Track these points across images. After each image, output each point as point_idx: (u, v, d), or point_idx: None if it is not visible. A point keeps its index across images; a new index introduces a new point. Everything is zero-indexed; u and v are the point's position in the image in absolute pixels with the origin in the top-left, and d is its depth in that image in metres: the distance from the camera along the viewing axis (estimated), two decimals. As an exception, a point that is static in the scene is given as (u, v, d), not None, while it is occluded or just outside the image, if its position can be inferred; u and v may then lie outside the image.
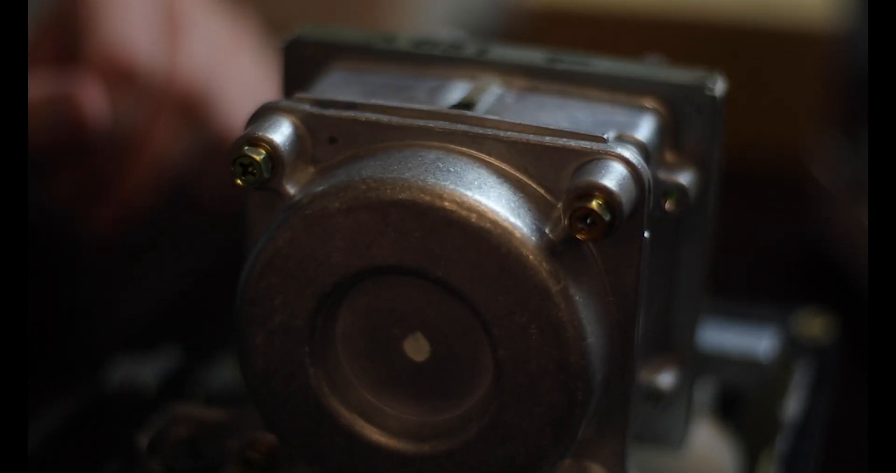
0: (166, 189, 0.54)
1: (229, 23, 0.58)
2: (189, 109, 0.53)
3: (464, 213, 0.36)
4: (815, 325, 0.50)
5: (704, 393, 0.47)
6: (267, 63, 0.59)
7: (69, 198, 0.54)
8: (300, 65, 0.42)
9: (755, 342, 0.48)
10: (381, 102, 0.39)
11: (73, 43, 0.53)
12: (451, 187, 0.36)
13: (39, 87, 0.50)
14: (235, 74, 0.55)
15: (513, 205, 0.37)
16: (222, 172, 0.54)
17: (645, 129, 0.39)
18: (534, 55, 0.41)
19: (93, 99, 0.50)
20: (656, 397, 0.42)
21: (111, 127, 0.51)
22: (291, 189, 0.38)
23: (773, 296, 0.60)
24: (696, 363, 0.43)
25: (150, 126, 0.53)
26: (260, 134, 0.38)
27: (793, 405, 0.46)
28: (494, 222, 0.36)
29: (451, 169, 0.37)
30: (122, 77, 0.52)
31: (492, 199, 0.36)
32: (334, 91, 0.40)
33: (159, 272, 0.58)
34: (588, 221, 0.36)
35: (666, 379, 0.42)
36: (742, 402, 0.48)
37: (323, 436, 0.39)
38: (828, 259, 0.68)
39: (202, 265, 0.57)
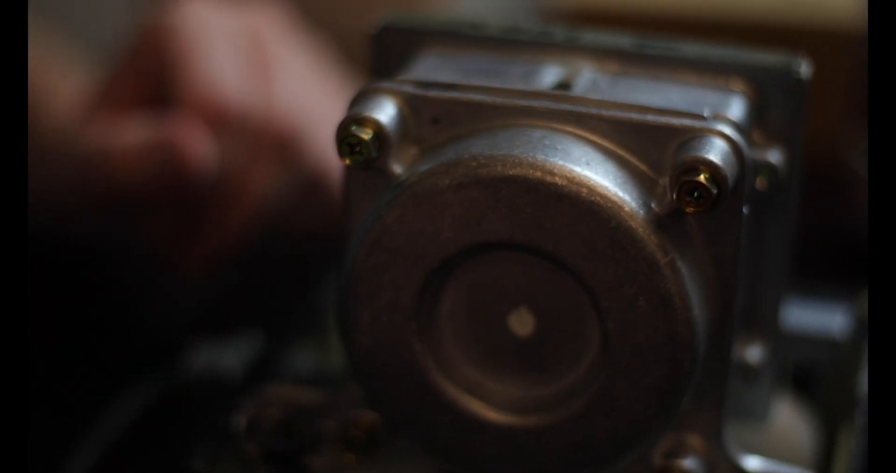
0: (263, 229, 0.55)
1: (314, 59, 0.59)
2: (284, 148, 0.54)
3: (574, 187, 0.37)
4: (878, 304, 0.51)
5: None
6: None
7: (164, 240, 0.55)
8: (389, 51, 0.43)
9: (830, 320, 0.49)
10: (482, 83, 0.40)
11: (163, 85, 0.53)
12: (560, 163, 0.37)
13: (138, 132, 0.51)
14: (325, 111, 0.55)
15: (619, 180, 0.38)
16: (317, 210, 0.55)
17: (736, 109, 0.40)
18: (622, 40, 0.42)
19: (196, 144, 0.50)
20: (745, 370, 0.43)
21: (213, 172, 0.52)
22: (397, 169, 0.39)
23: (822, 281, 0.61)
24: (780, 339, 0.44)
25: (248, 168, 0.53)
26: (366, 114, 0.39)
27: (866, 381, 0.47)
28: (604, 197, 0.37)
29: (558, 146, 0.38)
30: (218, 120, 0.52)
31: (599, 174, 0.37)
32: (431, 74, 0.41)
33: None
34: (696, 194, 0.37)
35: (754, 354, 0.43)
36: (816, 379, 0.49)
37: (428, 412, 0.40)
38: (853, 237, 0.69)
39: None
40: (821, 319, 0.49)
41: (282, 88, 0.55)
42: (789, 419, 0.47)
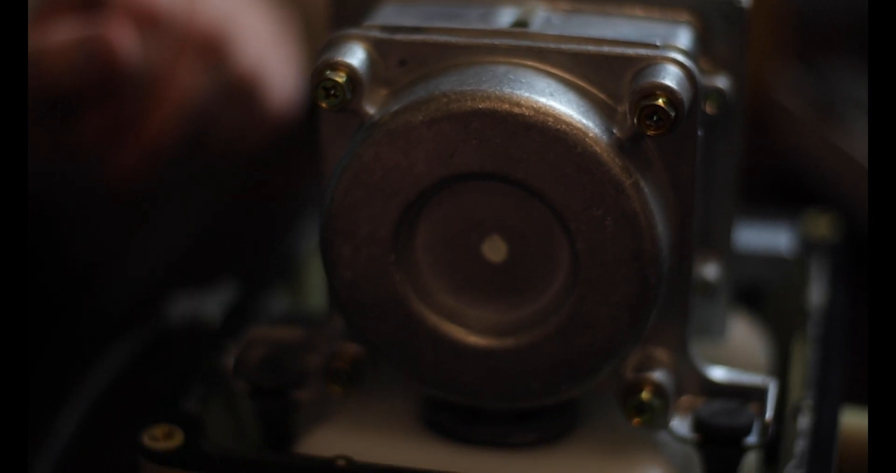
0: (187, 130, 0.57)
1: None
2: (208, 50, 0.56)
3: (540, 117, 0.39)
4: (821, 224, 0.54)
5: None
6: (274, 18, 0.61)
7: (95, 139, 0.56)
8: (348, 3, 0.45)
9: (776, 239, 0.51)
10: (445, 24, 0.42)
11: None
12: (526, 94, 0.39)
13: (69, 31, 0.53)
14: (249, 23, 0.58)
15: (582, 109, 0.40)
16: (239, 113, 0.57)
17: (684, 38, 0.42)
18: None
19: (122, 39, 0.52)
20: (704, 287, 0.45)
21: (139, 67, 0.53)
22: (370, 109, 0.41)
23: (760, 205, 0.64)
24: (732, 259, 0.47)
25: (172, 67, 0.55)
26: (339, 58, 0.40)
27: (816, 296, 0.50)
28: (569, 124, 0.39)
29: (522, 80, 0.40)
30: (145, 20, 0.54)
31: (563, 104, 0.40)
32: (395, 20, 0.43)
33: (194, 211, 0.61)
34: (655, 118, 0.39)
35: (711, 271, 0.46)
36: (763, 295, 0.52)
37: (410, 339, 0.42)
38: (798, 172, 0.72)
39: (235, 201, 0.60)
40: (768, 238, 0.52)
41: None
42: (744, 333, 0.49)
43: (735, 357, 0.48)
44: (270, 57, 0.59)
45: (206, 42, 0.56)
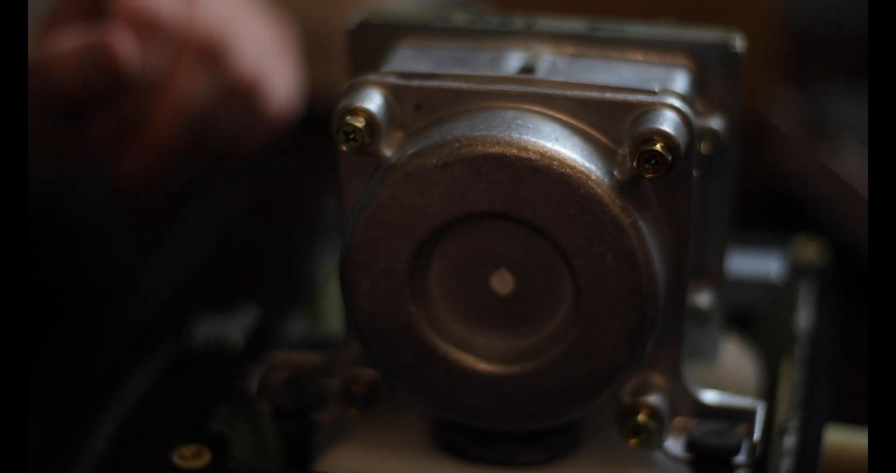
0: (188, 132, 0.59)
1: None
2: (207, 54, 0.59)
3: (546, 161, 0.42)
4: (809, 250, 0.57)
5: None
6: (273, 25, 0.64)
7: (102, 142, 0.59)
8: (366, 45, 0.47)
9: (767, 265, 0.54)
10: (457, 71, 0.44)
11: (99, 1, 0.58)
12: (533, 139, 0.42)
13: (74, 39, 0.55)
14: (248, 27, 0.61)
15: (585, 152, 0.43)
16: (238, 115, 0.60)
17: (681, 82, 0.45)
18: (576, 25, 0.47)
19: (124, 44, 0.55)
20: (697, 314, 0.48)
21: (141, 71, 0.56)
22: (387, 152, 0.44)
23: (752, 228, 0.67)
24: (724, 288, 0.50)
25: (173, 71, 0.58)
26: (358, 104, 0.43)
27: (804, 319, 0.53)
28: (573, 167, 0.42)
29: (529, 125, 0.43)
30: (146, 26, 0.57)
31: (567, 148, 0.42)
32: (408, 65, 0.46)
33: (208, 228, 0.64)
34: (653, 161, 0.42)
35: (704, 299, 0.48)
36: (754, 319, 0.55)
37: (424, 366, 0.45)
38: (791, 192, 0.75)
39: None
40: (758, 265, 0.55)
41: (207, 2, 0.60)
42: (735, 356, 0.52)
43: (726, 380, 0.51)
44: (269, 60, 0.62)
45: (205, 46, 0.59)
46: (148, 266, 0.65)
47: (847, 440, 0.48)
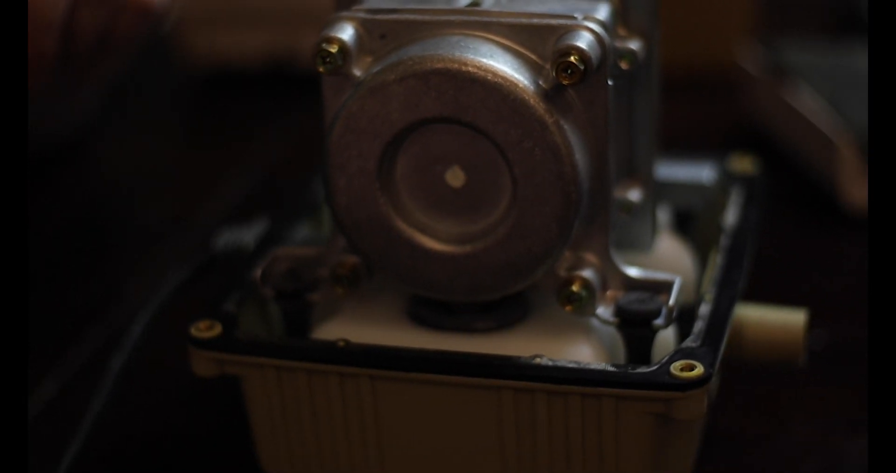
0: (53, 41, 0.61)
1: None
2: None
3: (482, 73, 0.51)
4: (745, 163, 0.66)
5: (664, 214, 0.63)
6: None
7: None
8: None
9: (700, 171, 0.63)
10: (415, 6, 0.54)
11: None
12: (472, 56, 0.52)
13: None
14: None
15: (515, 66, 0.52)
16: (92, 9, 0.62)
17: (602, 12, 0.54)
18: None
19: None
20: (627, 207, 0.57)
21: None
22: (357, 72, 0.53)
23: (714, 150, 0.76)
24: (656, 186, 0.59)
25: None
26: (333, 34, 0.53)
27: (731, 216, 0.62)
28: (504, 78, 0.51)
29: (470, 46, 0.52)
30: None
31: (500, 63, 0.52)
32: (378, 4, 0.55)
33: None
34: (569, 71, 0.51)
35: (633, 194, 0.58)
36: (692, 219, 0.64)
37: (392, 249, 0.54)
38: (758, 126, 0.85)
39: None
40: (695, 172, 0.64)
41: None
42: (671, 248, 0.61)
43: (664, 267, 0.60)
44: None
45: None
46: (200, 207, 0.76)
47: (750, 313, 0.58)
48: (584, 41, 0.52)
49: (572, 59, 0.51)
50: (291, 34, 0.97)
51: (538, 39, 0.53)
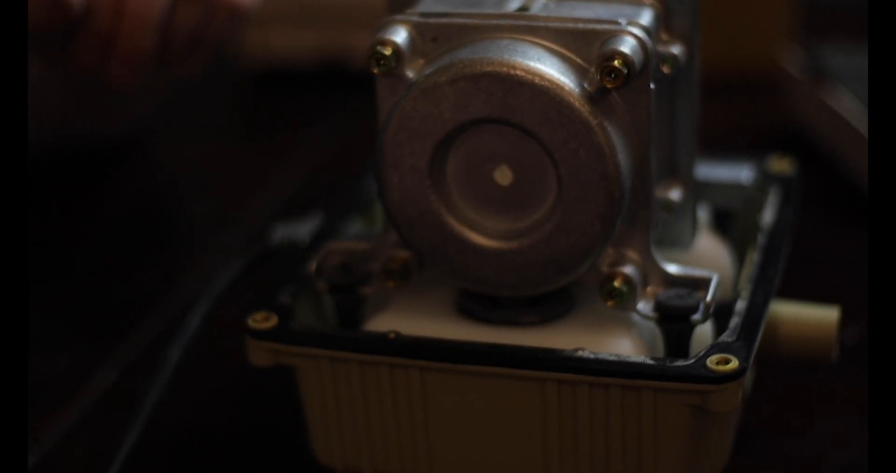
0: (154, 34, 0.67)
1: None
2: None
3: (530, 76, 0.54)
4: (783, 163, 0.68)
5: (704, 213, 0.65)
6: None
7: (86, 58, 0.68)
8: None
9: (739, 172, 0.65)
10: (465, 10, 0.56)
11: None
12: (520, 60, 0.54)
13: None
14: None
15: (561, 70, 0.54)
16: (194, 8, 0.68)
17: (646, 17, 0.56)
18: (565, -26, 0.58)
19: None
20: (668, 206, 0.59)
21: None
22: (410, 74, 0.56)
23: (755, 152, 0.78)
24: (696, 186, 0.61)
25: None
26: (387, 37, 0.55)
27: (768, 215, 0.64)
28: (551, 81, 0.54)
29: (518, 49, 0.55)
30: None
31: (547, 66, 0.54)
32: (430, 7, 0.57)
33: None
34: (613, 75, 0.53)
35: (675, 193, 0.60)
36: (731, 218, 0.66)
37: (443, 244, 0.57)
38: (797, 127, 0.87)
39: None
40: (734, 172, 0.66)
41: None
42: (711, 245, 0.64)
43: (704, 264, 0.62)
44: None
45: None
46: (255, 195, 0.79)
47: (785, 309, 0.60)
48: (627, 46, 0.54)
49: (616, 63, 0.53)
50: (343, 34, 0.99)
51: (583, 44, 0.55)
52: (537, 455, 0.57)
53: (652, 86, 0.55)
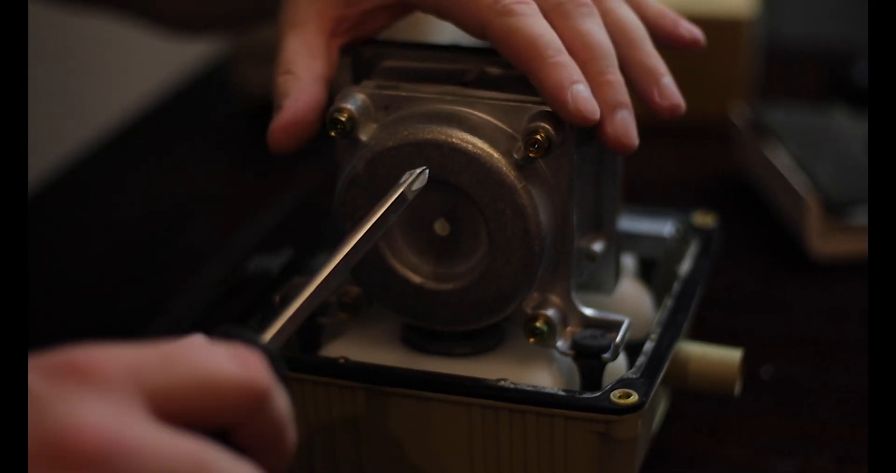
0: None
1: None
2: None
3: (465, 144, 0.62)
4: (707, 218, 0.76)
5: (631, 262, 0.74)
6: None
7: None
8: (362, 64, 0.68)
9: (663, 226, 0.74)
10: (413, 84, 0.65)
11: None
12: (458, 130, 0.62)
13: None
14: None
15: (493, 140, 0.63)
16: None
17: (573, 93, 0.65)
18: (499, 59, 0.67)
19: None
20: (591, 256, 0.68)
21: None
22: (364, 137, 0.64)
23: (702, 200, 0.87)
24: (619, 239, 0.69)
25: None
26: (343, 105, 0.64)
27: (686, 265, 0.72)
28: (482, 150, 0.62)
29: (457, 120, 0.63)
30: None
31: (480, 136, 0.62)
32: (384, 80, 0.66)
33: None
34: (536, 146, 0.62)
35: (597, 245, 0.68)
36: (655, 267, 0.74)
37: (388, 283, 0.65)
38: (742, 175, 0.95)
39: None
40: (657, 226, 0.74)
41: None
42: (633, 292, 0.72)
43: (626, 308, 0.70)
44: None
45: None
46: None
47: (691, 349, 0.68)
48: (549, 121, 0.62)
49: (539, 136, 0.62)
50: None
51: (514, 117, 0.63)
52: (464, 471, 0.65)
53: (575, 157, 0.63)
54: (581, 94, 0.61)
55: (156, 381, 0.47)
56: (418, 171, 0.61)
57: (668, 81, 0.64)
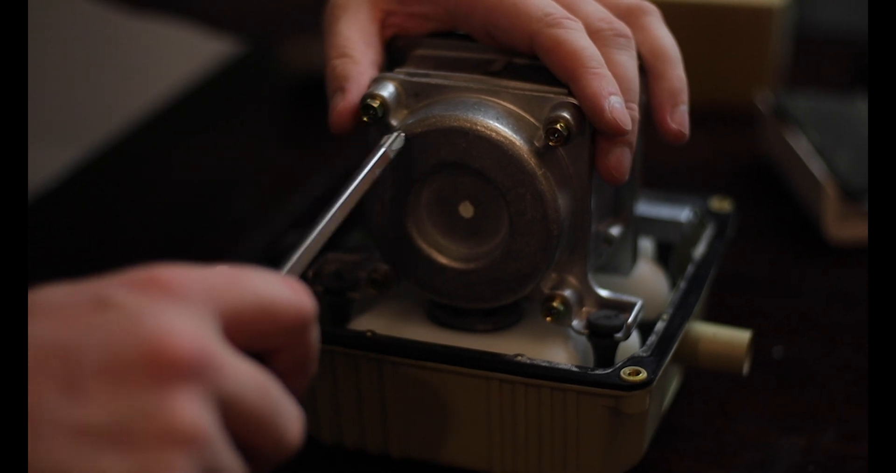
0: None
1: None
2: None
3: (488, 132, 0.66)
4: (724, 203, 0.79)
5: (648, 245, 0.77)
6: None
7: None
8: (395, 52, 0.72)
9: (680, 211, 0.77)
10: (443, 72, 0.68)
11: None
12: (482, 118, 0.66)
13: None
14: None
15: (516, 128, 0.66)
16: None
17: (594, 84, 0.68)
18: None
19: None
20: (608, 240, 0.71)
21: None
22: (395, 123, 0.68)
23: (724, 184, 0.90)
24: (636, 223, 0.73)
25: None
26: (376, 92, 0.67)
27: (701, 248, 0.75)
28: (505, 137, 0.66)
29: (482, 108, 0.66)
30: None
31: (503, 124, 0.66)
32: (415, 67, 0.69)
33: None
34: (556, 135, 0.65)
35: (615, 230, 0.71)
36: (671, 250, 0.78)
37: (414, 262, 0.69)
38: (765, 159, 0.98)
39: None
40: (675, 210, 0.77)
41: None
42: (649, 273, 0.75)
43: (643, 289, 0.74)
44: None
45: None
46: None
47: (702, 329, 0.72)
48: (568, 112, 0.66)
49: (559, 126, 0.65)
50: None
51: (536, 106, 0.67)
52: (482, 440, 0.69)
53: (591, 146, 0.67)
54: (617, 104, 0.65)
55: (228, 301, 0.50)
56: (394, 135, 0.66)
57: (684, 108, 0.68)
